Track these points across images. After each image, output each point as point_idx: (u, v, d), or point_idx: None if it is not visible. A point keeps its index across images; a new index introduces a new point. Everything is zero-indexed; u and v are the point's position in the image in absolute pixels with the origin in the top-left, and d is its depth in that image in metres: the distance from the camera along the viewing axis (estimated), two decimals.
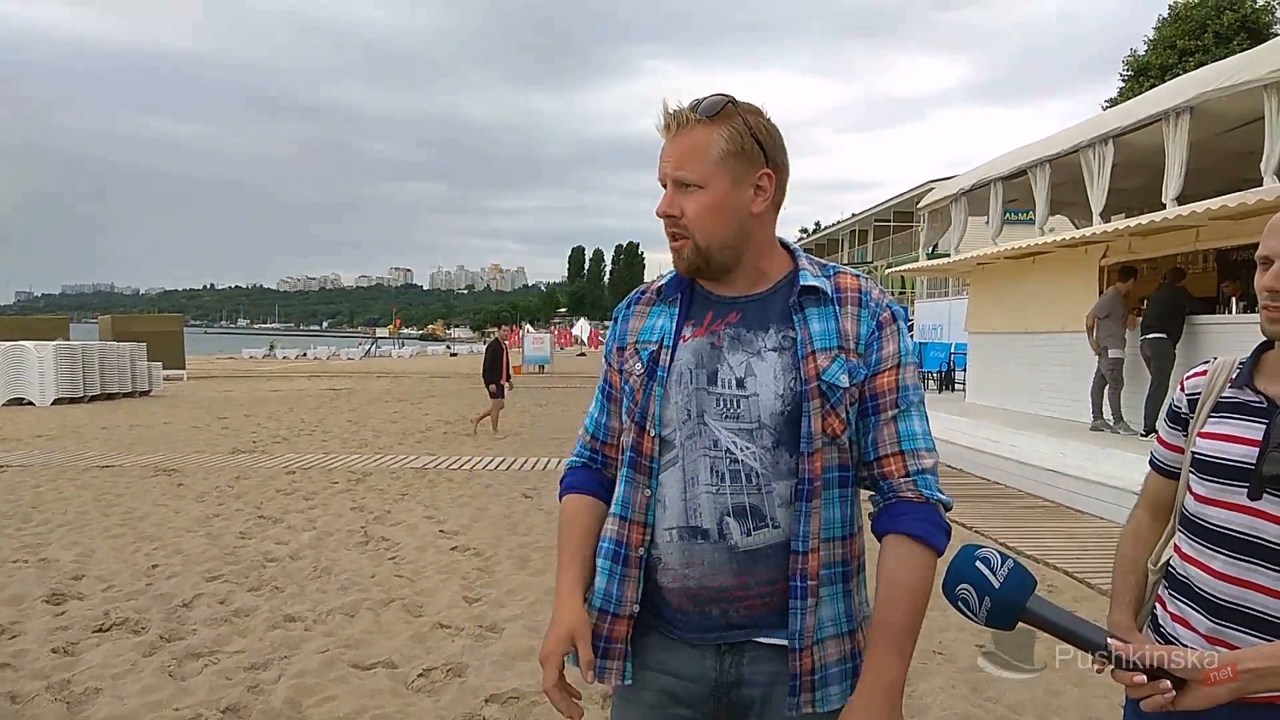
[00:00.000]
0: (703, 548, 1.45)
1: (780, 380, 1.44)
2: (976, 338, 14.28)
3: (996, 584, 1.26)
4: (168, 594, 5.15)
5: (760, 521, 1.43)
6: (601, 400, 1.68)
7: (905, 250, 35.36)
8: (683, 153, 1.45)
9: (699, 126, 1.44)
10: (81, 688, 3.83)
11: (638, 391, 1.52)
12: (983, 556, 1.28)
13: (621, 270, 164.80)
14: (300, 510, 7.68)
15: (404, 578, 5.61)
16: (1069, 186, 11.38)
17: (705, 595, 1.46)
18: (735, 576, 1.44)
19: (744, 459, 1.43)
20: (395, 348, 66.27)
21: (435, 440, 12.91)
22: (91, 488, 8.65)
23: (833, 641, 1.46)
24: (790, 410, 1.43)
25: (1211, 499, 1.52)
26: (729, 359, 1.47)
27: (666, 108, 1.46)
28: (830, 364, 1.44)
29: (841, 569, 1.47)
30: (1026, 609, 1.26)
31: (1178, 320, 8.77)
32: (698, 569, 1.45)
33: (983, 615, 1.27)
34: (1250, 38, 22.62)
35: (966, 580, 1.28)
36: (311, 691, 3.83)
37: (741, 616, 1.46)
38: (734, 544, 1.44)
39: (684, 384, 1.48)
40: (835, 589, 1.46)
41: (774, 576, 1.44)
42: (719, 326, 1.50)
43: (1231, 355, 1.63)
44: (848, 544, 1.48)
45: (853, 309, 1.48)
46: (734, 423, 1.44)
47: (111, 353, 20.54)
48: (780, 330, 1.47)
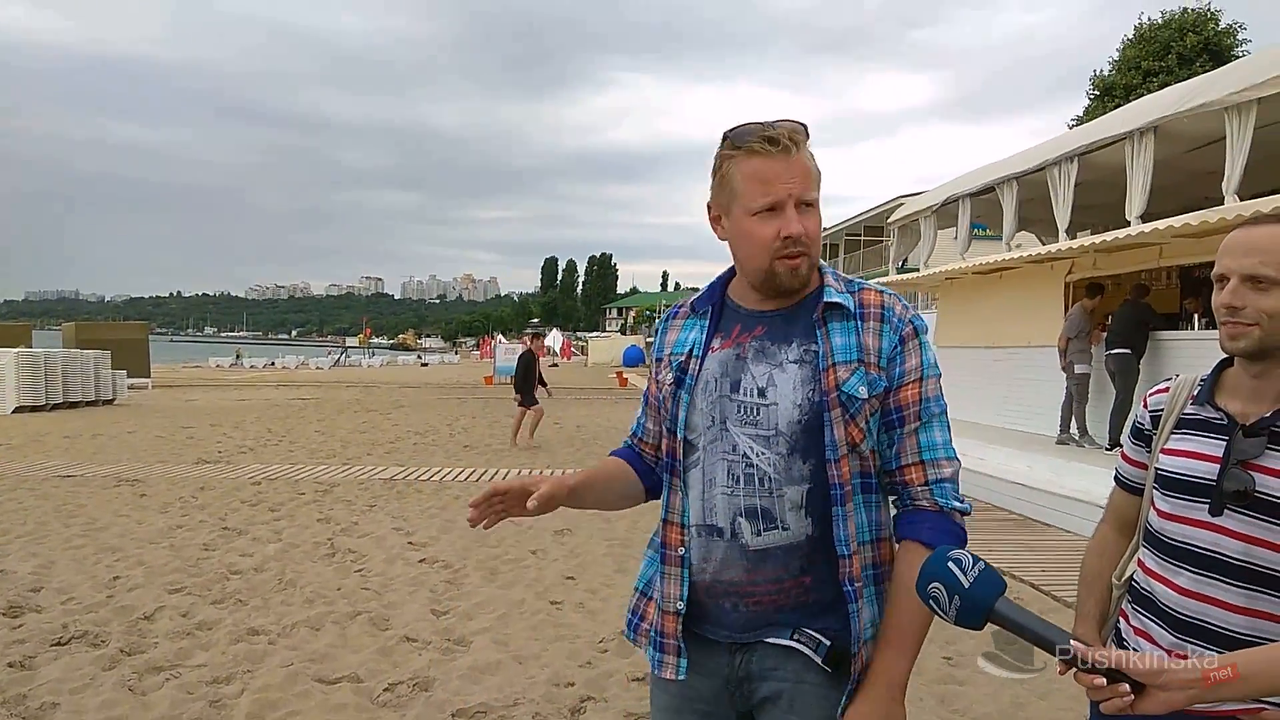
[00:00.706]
0: (717, 544, 1.55)
1: (799, 391, 1.52)
2: (945, 351, 14.40)
3: (966, 584, 1.29)
4: (129, 606, 5.06)
5: (770, 523, 1.52)
6: (645, 405, 1.81)
7: (875, 264, 35.65)
8: (804, 174, 1.51)
9: (807, 149, 1.51)
10: (38, 702, 3.75)
11: (668, 399, 1.64)
12: (954, 557, 1.31)
13: (594, 281, 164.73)
14: (266, 522, 7.58)
15: (371, 590, 5.55)
16: (1036, 203, 11.54)
17: (720, 589, 1.56)
18: (745, 573, 1.53)
19: (759, 464, 1.52)
20: (365, 357, 65.67)
21: (405, 451, 12.80)
22: (52, 498, 8.48)
23: (873, 645, 1.53)
24: (809, 419, 1.51)
25: (1174, 515, 1.54)
26: (752, 369, 1.55)
27: (773, 125, 1.49)
28: (850, 376, 1.51)
29: (874, 570, 1.56)
30: (994, 610, 1.28)
31: (1142, 335, 8.92)
32: (713, 564, 1.56)
33: (952, 614, 1.30)
34: (1213, 59, 23.09)
35: (938, 579, 1.31)
36: (275, 706, 3.78)
37: (750, 611, 1.55)
38: (745, 543, 1.53)
39: (709, 392, 1.58)
40: (871, 591, 1.55)
41: (780, 575, 1.53)
42: (745, 339, 1.58)
43: (1193, 373, 1.66)
44: (876, 548, 1.56)
45: (875, 324, 1.55)
46: (752, 429, 1.53)
47: (75, 360, 20.17)
48: (803, 344, 1.55)
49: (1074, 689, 1.30)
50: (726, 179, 1.54)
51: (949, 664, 4.37)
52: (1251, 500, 1.44)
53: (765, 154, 1.48)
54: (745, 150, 1.50)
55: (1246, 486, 1.44)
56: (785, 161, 1.49)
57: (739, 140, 1.51)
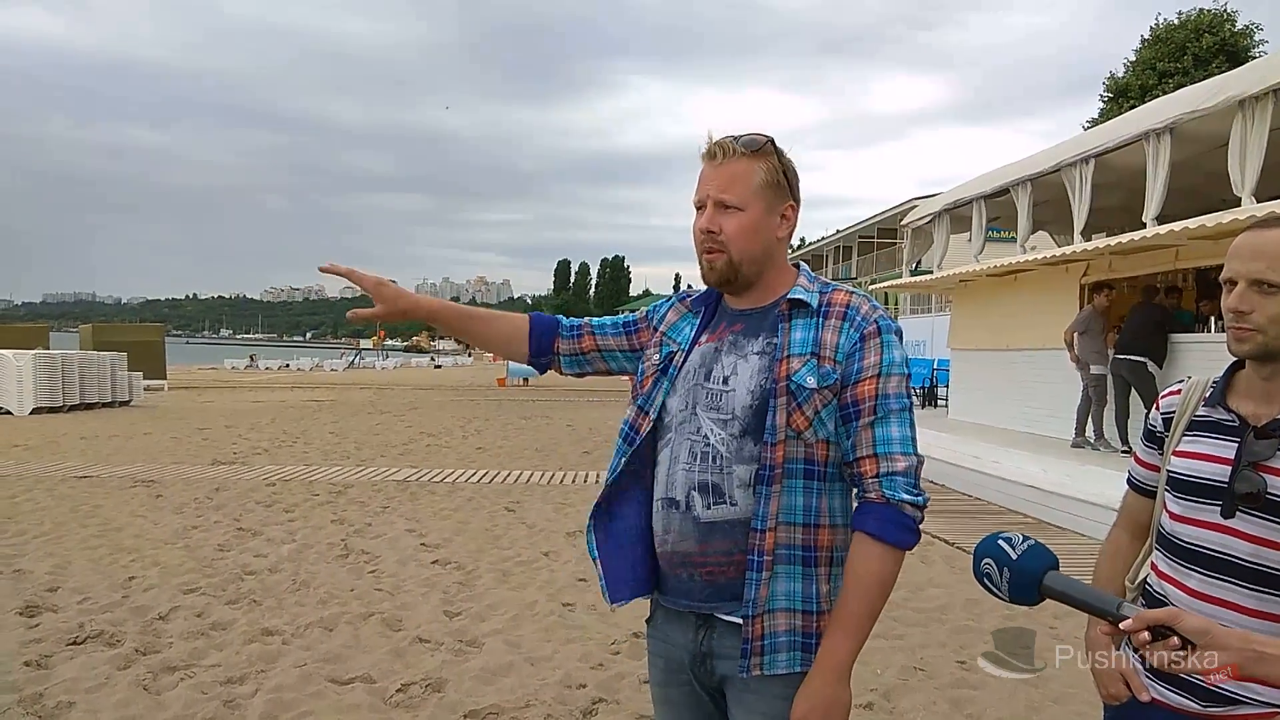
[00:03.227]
0: (674, 516, 1.68)
1: (755, 379, 1.65)
2: (959, 354, 14.37)
3: (1014, 555, 1.36)
4: (144, 606, 5.10)
5: (719, 498, 1.64)
6: (621, 325, 1.95)
7: (889, 266, 35.55)
8: (726, 179, 1.67)
9: (742, 158, 1.67)
10: (54, 701, 3.78)
11: (648, 379, 1.79)
12: (1005, 536, 1.39)
13: (607, 284, 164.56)
14: (280, 523, 7.63)
15: (384, 591, 5.58)
16: (1050, 205, 11.48)
17: (677, 559, 1.69)
18: (697, 544, 1.65)
19: (715, 443, 1.65)
20: (379, 359, 65.81)
21: (418, 453, 12.85)
22: (69, 498, 8.55)
23: (784, 614, 1.61)
24: (758, 404, 1.63)
25: (1186, 517, 1.54)
26: (723, 360, 1.70)
27: (711, 138, 1.69)
28: (801, 367, 1.63)
29: (802, 552, 1.63)
30: (1045, 583, 1.33)
31: (1160, 340, 8.79)
32: (672, 535, 1.69)
33: (1005, 588, 1.36)
34: (1229, 60, 22.93)
35: (989, 555, 1.38)
36: (288, 706, 3.80)
37: (704, 581, 1.66)
38: (696, 515, 1.65)
39: (687, 380, 1.73)
40: (794, 569, 1.62)
41: (729, 549, 1.63)
42: (724, 334, 1.74)
43: (1205, 375, 1.66)
44: (811, 531, 1.63)
45: (837, 321, 1.66)
46: (715, 413, 1.67)
47: (92, 362, 20.31)
48: (767, 338, 1.69)
49: (1089, 694, 1.32)
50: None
51: (962, 668, 4.36)
52: (1263, 502, 1.44)
53: (706, 161, 1.70)
54: (702, 157, 1.71)
55: (1258, 488, 1.44)
56: (714, 167, 1.68)
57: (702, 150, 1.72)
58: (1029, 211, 11.22)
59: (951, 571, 6.27)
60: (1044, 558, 1.35)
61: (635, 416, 1.78)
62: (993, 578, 1.38)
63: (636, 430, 1.76)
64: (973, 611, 5.24)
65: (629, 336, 1.93)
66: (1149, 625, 1.24)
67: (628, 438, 1.78)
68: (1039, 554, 1.36)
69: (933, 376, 18.62)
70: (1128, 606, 1.28)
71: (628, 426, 1.79)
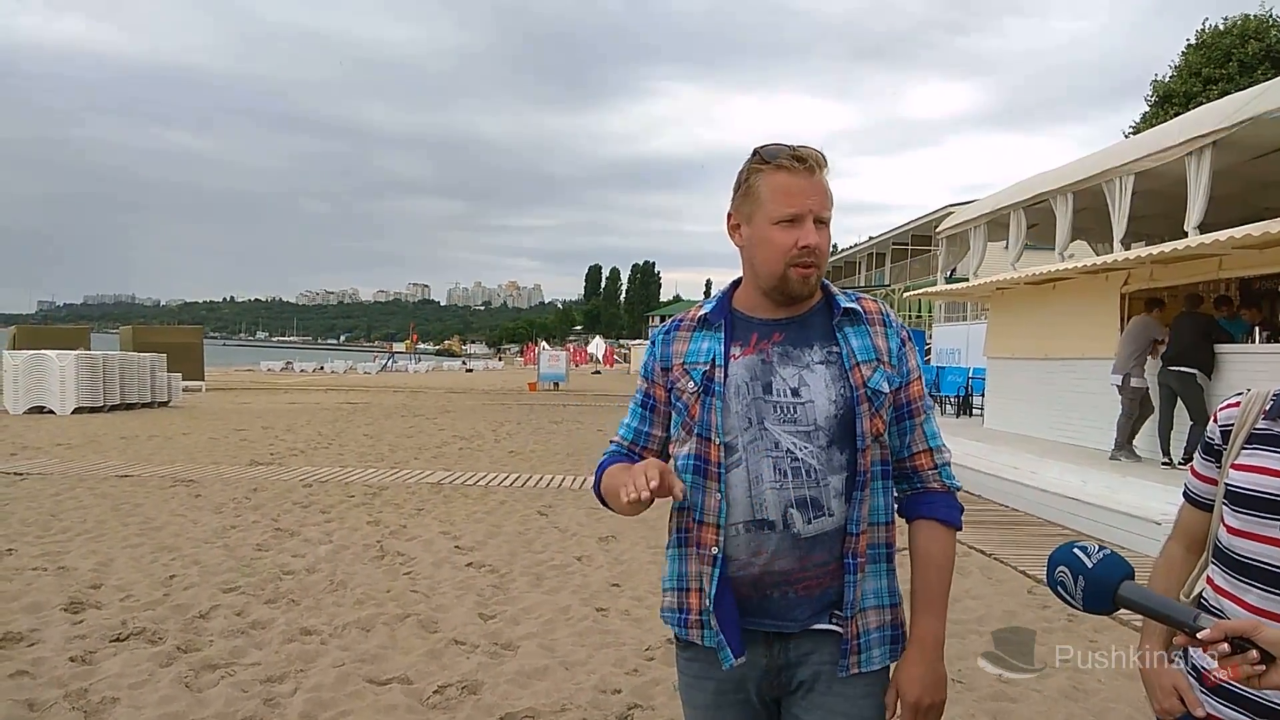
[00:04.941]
0: (769, 537, 1.65)
1: (832, 388, 1.66)
2: (995, 363, 14.22)
3: (1090, 564, 1.37)
4: (185, 604, 5.17)
5: (819, 511, 1.64)
6: (641, 413, 1.86)
7: (923, 274, 35.24)
8: (824, 193, 1.66)
9: (826, 172, 1.67)
10: (99, 697, 3.85)
11: (693, 406, 1.72)
12: (1080, 545, 1.41)
13: (637, 289, 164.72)
14: (317, 523, 7.71)
15: (419, 593, 5.61)
16: (1089, 213, 11.35)
17: (769, 580, 1.66)
18: (797, 560, 1.65)
19: (803, 457, 1.64)
20: (411, 363, 66.34)
21: (451, 456, 12.92)
22: (110, 497, 8.70)
23: (874, 612, 1.69)
24: (843, 413, 1.65)
25: (1244, 531, 1.52)
26: (780, 372, 1.68)
27: (801, 147, 1.65)
28: (873, 373, 1.68)
29: (884, 550, 1.71)
30: (1119, 592, 1.34)
31: (1208, 351, 8.63)
32: (763, 556, 1.65)
33: (1079, 596, 1.38)
34: (1275, 67, 22.53)
35: (1065, 564, 1.40)
36: (327, 706, 3.84)
37: (799, 597, 1.66)
38: (797, 532, 1.64)
39: (742, 396, 1.68)
40: (879, 567, 1.70)
41: (827, 559, 1.66)
42: (766, 345, 1.71)
43: (1266, 386, 1.62)
44: (888, 529, 1.71)
45: (880, 328, 1.73)
46: (792, 426, 1.65)
47: (132, 363, 20.66)
48: (824, 346, 1.70)
49: (1131, 708, 1.31)
50: (753, 190, 1.68)
51: (1000, 680, 4.30)
52: None
53: (792, 170, 1.64)
54: (774, 165, 1.65)
55: None
56: (809, 179, 1.64)
57: (769, 156, 1.66)
58: (1069, 219, 11.10)
59: (988, 582, 6.20)
60: (1120, 567, 1.37)
61: (698, 446, 1.69)
62: (1067, 586, 1.39)
63: (706, 460, 1.68)
64: (1010, 623, 5.18)
65: (654, 412, 1.83)
66: (1227, 636, 1.22)
67: (700, 470, 1.68)
68: (1115, 563, 1.37)
69: (968, 385, 18.43)
70: (1204, 617, 1.26)
71: (694, 459, 1.69)
